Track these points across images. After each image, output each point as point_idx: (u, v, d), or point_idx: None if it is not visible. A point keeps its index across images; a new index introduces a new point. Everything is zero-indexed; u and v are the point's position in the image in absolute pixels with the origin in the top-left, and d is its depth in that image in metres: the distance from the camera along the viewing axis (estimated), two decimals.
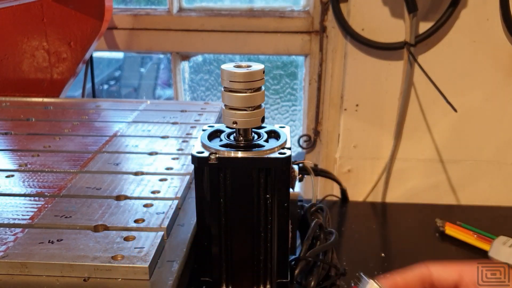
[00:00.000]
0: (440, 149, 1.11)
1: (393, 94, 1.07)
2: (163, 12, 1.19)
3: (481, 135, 1.09)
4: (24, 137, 0.73)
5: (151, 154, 0.65)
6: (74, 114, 0.84)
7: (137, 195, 0.53)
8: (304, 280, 0.55)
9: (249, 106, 0.44)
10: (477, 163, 1.11)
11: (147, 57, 2.10)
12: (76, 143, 0.69)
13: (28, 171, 0.60)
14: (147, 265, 0.41)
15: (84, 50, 0.97)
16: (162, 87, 2.15)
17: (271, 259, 0.48)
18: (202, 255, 0.48)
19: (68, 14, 0.94)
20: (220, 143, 0.46)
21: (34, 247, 0.43)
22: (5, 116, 0.84)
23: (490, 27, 1.00)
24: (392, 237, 0.90)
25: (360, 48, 1.05)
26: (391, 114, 1.08)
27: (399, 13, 1.00)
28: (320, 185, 1.22)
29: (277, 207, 0.46)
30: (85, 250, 0.43)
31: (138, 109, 0.86)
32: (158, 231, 0.46)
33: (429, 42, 1.02)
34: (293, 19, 1.14)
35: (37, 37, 0.96)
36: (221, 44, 1.17)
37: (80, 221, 0.48)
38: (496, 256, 0.78)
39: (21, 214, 0.49)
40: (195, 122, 0.79)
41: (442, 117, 1.08)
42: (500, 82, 1.04)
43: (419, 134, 1.10)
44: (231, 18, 1.15)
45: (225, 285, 0.49)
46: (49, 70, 0.97)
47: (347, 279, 0.69)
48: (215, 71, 1.30)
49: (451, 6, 0.97)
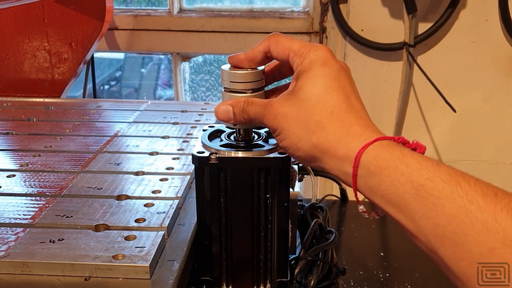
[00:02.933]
0: (439, 149, 1.11)
1: (392, 94, 1.07)
2: (164, 12, 1.19)
3: (480, 135, 1.09)
4: (25, 137, 0.73)
5: (152, 154, 0.65)
6: (75, 114, 0.84)
7: (138, 195, 0.53)
8: (304, 279, 0.55)
9: None
10: (476, 163, 1.11)
11: (148, 58, 2.10)
12: (77, 143, 0.69)
13: (29, 171, 0.60)
14: (148, 264, 0.41)
15: (85, 50, 0.97)
16: (162, 87, 2.15)
17: (271, 258, 0.48)
18: (203, 255, 0.48)
19: (69, 14, 0.95)
20: (220, 143, 0.47)
21: (35, 247, 0.43)
22: (7, 116, 0.84)
23: (489, 28, 1.00)
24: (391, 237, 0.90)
25: (359, 49, 1.05)
26: (391, 114, 1.09)
27: (399, 14, 1.00)
28: (320, 185, 1.22)
29: (277, 207, 0.46)
30: (86, 249, 0.43)
31: (139, 109, 0.86)
32: (159, 231, 0.46)
33: (428, 42, 1.02)
34: (293, 20, 1.14)
35: (38, 38, 0.96)
36: (221, 45, 1.18)
37: (81, 220, 0.48)
38: None
39: (22, 214, 0.49)
40: (196, 122, 0.79)
41: (441, 117, 1.08)
42: (499, 83, 1.04)
43: (418, 134, 1.10)
44: (231, 19, 1.16)
45: (225, 284, 0.49)
46: (50, 70, 0.98)
47: (347, 278, 0.69)
48: (215, 72, 1.30)
49: (450, 7, 0.98)
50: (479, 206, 0.31)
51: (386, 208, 0.35)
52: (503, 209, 0.30)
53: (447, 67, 1.04)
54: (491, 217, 0.30)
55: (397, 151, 0.35)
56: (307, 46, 0.40)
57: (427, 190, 0.33)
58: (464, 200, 0.31)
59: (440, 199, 0.32)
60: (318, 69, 0.39)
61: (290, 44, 0.41)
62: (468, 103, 1.06)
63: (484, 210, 0.31)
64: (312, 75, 0.39)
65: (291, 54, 0.41)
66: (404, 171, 0.34)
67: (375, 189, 0.35)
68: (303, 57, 0.40)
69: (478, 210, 0.31)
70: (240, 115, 0.43)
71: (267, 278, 0.49)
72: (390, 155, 0.35)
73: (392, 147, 0.35)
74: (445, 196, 0.32)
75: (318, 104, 0.38)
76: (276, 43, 0.42)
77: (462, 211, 0.31)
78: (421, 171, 0.33)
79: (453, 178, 0.33)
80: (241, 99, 0.43)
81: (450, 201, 0.32)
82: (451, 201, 0.32)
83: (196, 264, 0.49)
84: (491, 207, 0.31)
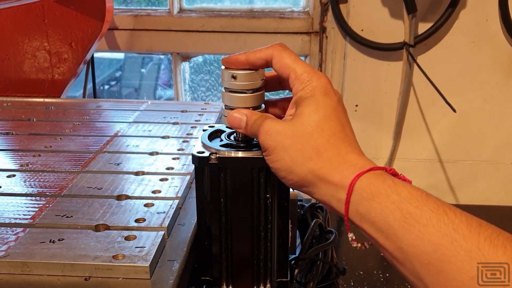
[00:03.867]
0: (439, 149, 1.11)
1: (392, 94, 1.07)
2: (164, 12, 1.20)
3: (480, 135, 1.09)
4: (25, 137, 0.73)
5: (152, 154, 0.65)
6: (75, 114, 0.84)
7: (138, 195, 0.53)
8: (304, 279, 0.56)
9: (249, 106, 0.45)
10: (476, 163, 1.11)
11: (148, 58, 2.10)
12: (77, 143, 0.69)
13: (29, 171, 0.60)
14: (148, 265, 0.41)
15: (85, 50, 0.97)
16: (162, 87, 2.15)
17: (271, 258, 0.48)
18: (203, 255, 0.48)
19: (69, 14, 0.95)
20: (220, 143, 0.47)
21: (35, 247, 0.43)
22: (7, 116, 0.84)
23: (489, 28, 1.00)
24: None
25: (359, 49, 1.05)
26: (391, 114, 1.09)
27: (399, 14, 1.00)
28: None
29: (277, 207, 0.46)
30: (86, 249, 0.43)
31: (139, 109, 0.86)
32: (159, 231, 0.46)
33: (428, 42, 1.02)
34: (293, 20, 1.14)
35: (38, 38, 0.96)
36: (222, 45, 1.18)
37: (81, 220, 0.48)
38: None
39: (22, 214, 0.49)
40: (196, 122, 0.79)
41: (441, 117, 1.08)
42: (499, 83, 1.04)
43: (418, 134, 1.10)
44: (231, 19, 1.16)
45: (225, 284, 0.49)
46: (50, 70, 0.98)
47: (347, 278, 0.69)
48: (215, 72, 1.30)
49: (450, 7, 0.98)
50: (463, 235, 0.32)
51: (375, 235, 0.36)
52: (486, 239, 0.32)
53: (447, 67, 1.04)
54: (474, 246, 0.31)
55: (389, 180, 0.36)
56: (309, 73, 0.41)
57: (415, 217, 0.34)
58: (450, 228, 0.33)
59: (427, 227, 0.33)
60: (319, 98, 0.40)
61: (293, 65, 0.42)
62: (468, 103, 1.06)
63: (469, 239, 0.32)
64: (314, 102, 0.40)
65: (292, 75, 0.42)
66: (394, 199, 0.35)
67: (366, 215, 0.36)
68: (305, 83, 0.41)
69: (462, 239, 0.32)
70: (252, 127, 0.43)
71: (267, 278, 0.49)
72: (383, 183, 0.36)
73: (385, 176, 0.37)
74: (432, 224, 0.33)
75: (316, 130, 0.39)
76: (279, 57, 0.42)
77: (448, 239, 0.32)
78: (410, 200, 0.35)
79: (440, 208, 0.34)
80: (257, 113, 0.43)
81: (436, 229, 0.33)
82: (437, 229, 0.33)
83: (196, 264, 0.49)
84: (475, 236, 0.32)
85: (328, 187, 0.38)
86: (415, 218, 0.34)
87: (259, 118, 0.42)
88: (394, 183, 0.36)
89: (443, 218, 0.33)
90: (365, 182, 0.36)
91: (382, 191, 0.35)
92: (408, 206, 0.34)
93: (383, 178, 0.36)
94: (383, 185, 0.36)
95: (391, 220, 0.35)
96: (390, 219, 0.35)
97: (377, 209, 0.35)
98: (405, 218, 0.34)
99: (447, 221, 0.33)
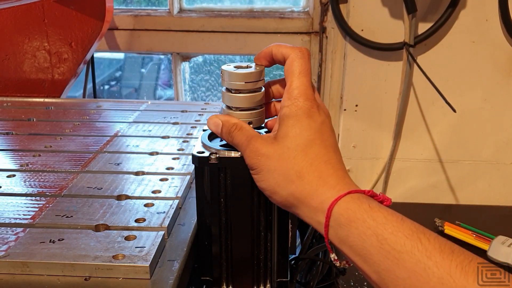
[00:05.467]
0: (439, 149, 1.11)
1: (392, 94, 1.07)
2: (164, 12, 1.20)
3: (480, 135, 1.09)
4: (25, 137, 0.73)
5: (152, 154, 0.65)
6: (75, 114, 0.85)
7: (138, 195, 0.54)
8: (304, 279, 0.56)
9: (249, 106, 0.45)
10: (476, 163, 1.11)
11: (148, 58, 2.10)
12: (77, 143, 0.69)
13: (29, 171, 0.60)
14: (148, 264, 0.41)
15: (85, 50, 0.97)
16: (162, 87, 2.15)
17: (271, 258, 0.48)
18: (203, 255, 0.48)
19: (69, 14, 0.95)
20: (220, 143, 0.47)
21: (35, 247, 0.43)
22: (7, 116, 0.84)
23: (489, 28, 1.00)
24: None
25: (359, 49, 1.05)
26: (391, 114, 1.09)
27: (398, 14, 1.00)
28: None
29: (277, 207, 0.46)
30: (86, 249, 0.43)
31: (139, 109, 0.86)
32: (159, 231, 0.46)
33: (428, 42, 1.02)
34: (293, 20, 1.14)
35: (38, 38, 0.96)
36: (222, 45, 1.18)
37: (81, 220, 0.48)
38: (495, 256, 0.78)
39: (23, 214, 0.49)
40: (196, 122, 0.79)
41: (441, 117, 1.08)
42: (499, 83, 1.04)
43: (418, 134, 1.10)
44: (231, 19, 1.16)
45: (225, 284, 0.49)
46: (50, 70, 0.98)
47: (347, 278, 0.69)
48: (215, 72, 1.30)
49: (450, 7, 0.98)
50: (436, 262, 0.33)
51: (354, 259, 0.37)
52: (458, 266, 0.32)
53: (447, 67, 1.04)
54: (446, 273, 0.32)
55: (365, 204, 0.37)
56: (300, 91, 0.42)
57: (390, 244, 0.35)
58: (423, 255, 0.33)
59: (401, 254, 0.34)
60: (303, 120, 0.41)
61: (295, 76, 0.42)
62: (468, 103, 1.06)
63: (441, 266, 0.33)
64: (298, 124, 0.41)
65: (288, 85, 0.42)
66: (370, 225, 0.36)
67: (344, 240, 0.37)
68: (292, 100, 0.41)
69: (435, 265, 0.33)
70: (226, 135, 0.44)
71: (267, 278, 0.49)
72: (359, 208, 0.37)
73: (362, 200, 0.38)
74: (406, 251, 0.34)
75: (300, 155, 0.40)
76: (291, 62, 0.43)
77: (421, 266, 0.33)
78: (386, 226, 0.35)
79: (414, 234, 0.35)
80: (233, 120, 0.44)
81: (410, 256, 0.34)
82: (411, 256, 0.34)
83: (196, 264, 0.49)
84: (447, 263, 0.33)
85: (309, 210, 0.39)
86: (390, 244, 0.35)
87: (233, 126, 0.43)
88: (370, 208, 0.37)
89: (417, 245, 0.34)
90: (343, 206, 0.37)
91: (359, 216, 0.36)
92: (383, 231, 0.35)
93: (359, 202, 0.37)
94: (359, 210, 0.37)
95: (368, 246, 0.36)
96: (367, 244, 0.36)
97: (355, 234, 0.36)
98: (381, 244, 0.35)
99: (421, 248, 0.34)
